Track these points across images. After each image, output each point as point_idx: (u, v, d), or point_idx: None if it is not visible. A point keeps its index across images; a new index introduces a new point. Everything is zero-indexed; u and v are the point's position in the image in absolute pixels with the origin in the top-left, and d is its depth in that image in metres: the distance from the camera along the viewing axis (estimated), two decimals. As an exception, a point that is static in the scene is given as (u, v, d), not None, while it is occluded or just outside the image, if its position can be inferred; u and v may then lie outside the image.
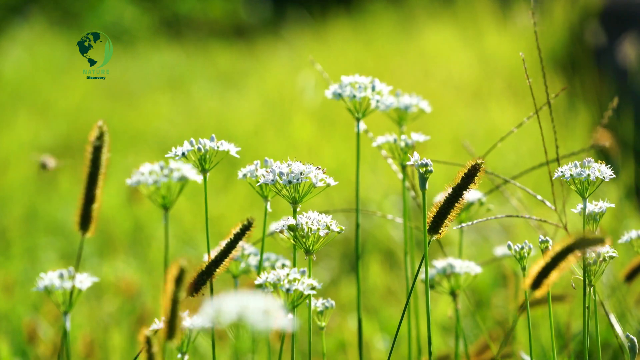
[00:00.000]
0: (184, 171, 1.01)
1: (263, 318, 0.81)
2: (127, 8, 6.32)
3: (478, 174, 1.09)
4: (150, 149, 3.71)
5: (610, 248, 1.15)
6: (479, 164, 1.09)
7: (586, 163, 1.15)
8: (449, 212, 1.10)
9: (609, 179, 1.14)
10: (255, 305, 0.82)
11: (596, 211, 1.17)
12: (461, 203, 1.09)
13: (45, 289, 1.12)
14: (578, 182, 1.14)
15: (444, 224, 1.10)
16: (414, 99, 1.39)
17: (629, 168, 2.67)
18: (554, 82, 3.88)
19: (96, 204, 1.05)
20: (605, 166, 1.15)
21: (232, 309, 0.81)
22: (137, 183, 1.01)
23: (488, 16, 5.06)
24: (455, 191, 1.09)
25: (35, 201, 3.13)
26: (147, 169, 1.02)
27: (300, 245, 1.10)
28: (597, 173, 1.14)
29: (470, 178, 1.09)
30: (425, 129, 3.42)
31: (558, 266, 0.99)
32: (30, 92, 4.61)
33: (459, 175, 1.09)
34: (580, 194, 1.14)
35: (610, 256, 1.14)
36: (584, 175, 1.14)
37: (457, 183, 1.09)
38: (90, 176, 1.04)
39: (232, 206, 3.00)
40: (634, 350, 1.20)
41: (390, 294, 2.38)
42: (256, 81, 4.80)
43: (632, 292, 1.83)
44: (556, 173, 1.16)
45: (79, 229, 1.05)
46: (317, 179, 1.12)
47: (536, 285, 0.99)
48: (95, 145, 1.04)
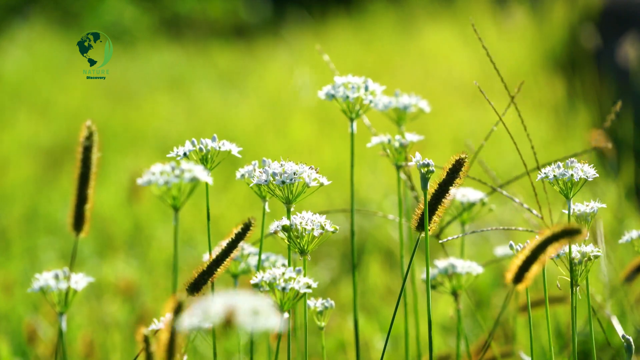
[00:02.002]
0: (196, 172, 1.01)
1: (252, 318, 0.81)
2: (127, 8, 6.32)
3: (463, 168, 1.09)
4: (150, 149, 3.71)
5: (594, 247, 1.15)
6: (462, 158, 1.09)
7: (569, 163, 1.15)
8: (436, 208, 1.10)
9: (592, 178, 1.14)
10: (244, 305, 0.81)
11: (587, 211, 1.17)
12: (448, 199, 1.09)
13: (40, 289, 1.12)
14: (562, 182, 1.14)
15: (432, 220, 1.10)
16: (413, 99, 1.39)
17: (629, 168, 2.67)
18: (553, 82, 3.88)
19: (89, 204, 1.05)
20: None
21: (220, 310, 0.81)
22: (148, 183, 1.01)
23: (488, 16, 5.06)
24: (441, 187, 1.09)
25: (35, 201, 3.13)
26: (158, 169, 1.02)
27: (294, 245, 1.10)
28: (581, 173, 1.13)
29: (455, 173, 1.09)
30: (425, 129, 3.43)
31: (538, 259, 0.99)
32: (30, 92, 4.61)
33: (444, 170, 1.09)
34: (564, 194, 1.14)
35: (595, 255, 1.14)
36: (567, 175, 1.13)
37: (443, 178, 1.09)
38: (82, 176, 1.04)
39: (232, 206, 3.00)
40: (631, 350, 1.20)
41: (390, 294, 2.38)
42: (256, 81, 4.80)
43: (632, 292, 1.83)
44: (539, 175, 1.15)
45: (72, 229, 1.05)
46: (310, 179, 1.11)
47: (518, 279, 0.99)
48: (85, 145, 1.04)
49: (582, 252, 1.14)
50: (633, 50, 3.08)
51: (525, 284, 0.99)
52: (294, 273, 1.05)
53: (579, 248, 1.15)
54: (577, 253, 1.14)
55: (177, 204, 1.01)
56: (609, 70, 3.84)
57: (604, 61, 3.94)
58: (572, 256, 1.14)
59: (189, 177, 1.00)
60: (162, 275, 2.52)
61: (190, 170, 1.01)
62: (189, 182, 1.01)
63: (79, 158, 1.04)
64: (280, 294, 1.04)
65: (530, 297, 1.22)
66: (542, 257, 0.99)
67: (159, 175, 1.01)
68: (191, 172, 1.01)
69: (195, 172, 1.01)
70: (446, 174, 1.09)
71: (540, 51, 4.43)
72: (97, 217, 2.87)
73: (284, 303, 1.04)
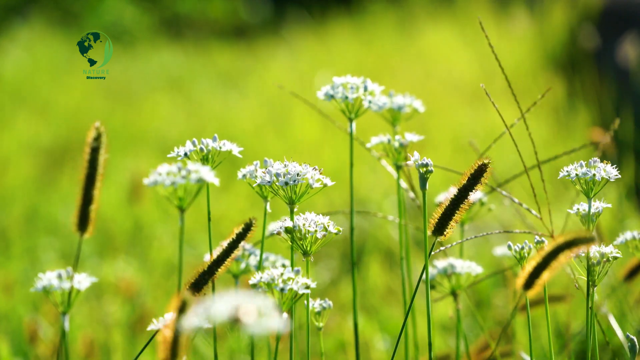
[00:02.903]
0: (202, 173, 1.01)
1: (255, 319, 0.81)
2: (127, 8, 6.32)
3: (485, 174, 1.07)
4: (151, 149, 3.71)
5: (614, 249, 1.14)
6: (485, 164, 1.06)
7: (592, 163, 1.14)
8: (454, 214, 1.07)
9: (614, 179, 1.13)
10: (247, 305, 0.81)
11: (592, 211, 1.17)
12: (467, 204, 1.07)
13: (43, 289, 1.12)
14: (583, 182, 1.13)
15: (449, 226, 1.07)
16: (407, 99, 1.38)
17: (629, 168, 2.67)
18: (553, 83, 3.88)
19: (94, 204, 1.05)
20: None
21: (224, 310, 0.81)
22: (154, 183, 1.01)
23: (488, 16, 5.06)
24: (461, 192, 1.07)
25: (35, 201, 3.13)
26: (165, 170, 1.02)
27: (297, 247, 1.10)
28: (603, 173, 1.13)
29: (476, 179, 1.06)
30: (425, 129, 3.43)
31: (550, 266, 0.98)
32: (30, 92, 4.61)
33: (465, 175, 1.06)
34: (585, 194, 1.14)
35: (614, 257, 1.14)
36: (590, 175, 1.13)
37: (463, 184, 1.07)
38: (88, 177, 1.04)
39: (233, 207, 3.00)
40: (634, 350, 1.20)
41: (390, 293, 2.38)
42: (256, 81, 4.80)
43: (632, 292, 1.83)
44: (561, 172, 1.15)
45: (76, 229, 1.05)
46: (313, 180, 1.11)
47: (528, 286, 0.99)
48: (93, 146, 1.04)
49: (602, 252, 1.14)
50: (633, 50, 3.08)
51: (535, 291, 0.98)
52: (292, 273, 1.04)
53: (598, 249, 1.14)
54: (597, 253, 1.14)
55: (184, 204, 1.01)
56: (609, 70, 3.84)
57: (604, 61, 3.94)
58: (591, 256, 1.14)
59: (195, 178, 1.00)
60: (162, 275, 2.52)
61: (197, 171, 1.01)
62: (195, 183, 1.01)
63: (86, 159, 1.04)
64: (278, 295, 1.04)
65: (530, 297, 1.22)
66: (553, 265, 0.98)
67: (166, 175, 1.01)
68: (198, 173, 1.01)
69: (201, 173, 1.01)
70: (467, 180, 1.06)
71: (540, 51, 4.43)
72: (98, 217, 2.87)
73: (282, 303, 1.04)
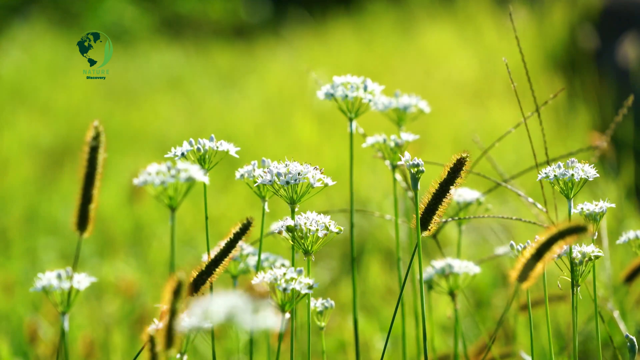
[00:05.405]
0: (192, 172, 1.01)
1: (252, 318, 0.81)
2: (127, 8, 6.32)
3: (464, 167, 1.08)
4: (150, 149, 3.71)
5: (595, 247, 1.15)
6: (464, 157, 1.08)
7: (570, 164, 1.15)
8: (437, 208, 1.09)
9: (592, 178, 1.14)
10: (244, 305, 0.81)
11: (596, 211, 1.17)
12: (449, 198, 1.09)
13: (43, 289, 1.12)
14: (562, 182, 1.14)
15: (432, 220, 1.09)
16: (413, 99, 1.39)
17: (629, 168, 2.67)
18: (553, 83, 3.88)
19: (93, 204, 1.05)
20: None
21: (221, 309, 0.81)
22: (144, 183, 1.01)
23: (487, 16, 5.06)
24: (442, 186, 1.08)
25: (35, 201, 3.13)
26: (154, 169, 1.01)
27: (299, 246, 1.10)
28: (581, 173, 1.13)
29: (456, 172, 1.08)
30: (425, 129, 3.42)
31: (543, 257, 0.98)
32: (30, 92, 4.61)
33: (445, 170, 1.09)
34: (564, 194, 1.14)
35: (596, 255, 1.14)
36: (568, 175, 1.14)
37: (444, 178, 1.08)
38: (87, 176, 1.03)
39: (232, 206, 3.00)
40: (634, 350, 1.20)
41: (390, 293, 2.38)
42: (256, 81, 4.80)
43: (632, 292, 1.83)
44: (540, 174, 1.16)
45: (76, 229, 1.05)
46: (314, 179, 1.11)
47: (523, 278, 0.99)
48: (92, 146, 1.04)
49: (583, 252, 1.14)
50: (633, 50, 3.08)
51: (530, 283, 0.99)
52: (295, 273, 1.05)
53: (580, 248, 1.15)
54: (578, 253, 1.14)
55: (174, 204, 1.01)
56: (609, 70, 3.84)
57: (604, 61, 3.94)
58: (573, 256, 1.14)
59: (185, 177, 1.00)
60: (162, 275, 2.52)
61: (186, 170, 1.01)
62: (185, 182, 1.00)
63: (85, 158, 1.04)
64: (281, 295, 1.04)
65: (530, 297, 1.22)
66: (547, 255, 0.98)
67: (155, 175, 1.01)
68: (187, 172, 1.01)
69: (191, 171, 1.01)
70: (447, 174, 1.08)
71: (541, 51, 4.43)
72: (98, 217, 2.87)
73: (284, 303, 1.04)
